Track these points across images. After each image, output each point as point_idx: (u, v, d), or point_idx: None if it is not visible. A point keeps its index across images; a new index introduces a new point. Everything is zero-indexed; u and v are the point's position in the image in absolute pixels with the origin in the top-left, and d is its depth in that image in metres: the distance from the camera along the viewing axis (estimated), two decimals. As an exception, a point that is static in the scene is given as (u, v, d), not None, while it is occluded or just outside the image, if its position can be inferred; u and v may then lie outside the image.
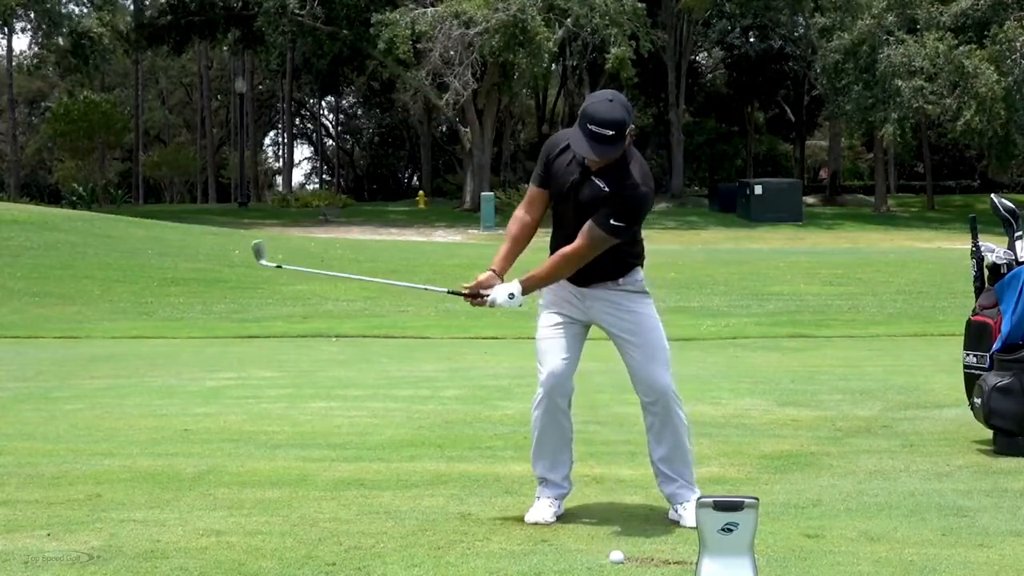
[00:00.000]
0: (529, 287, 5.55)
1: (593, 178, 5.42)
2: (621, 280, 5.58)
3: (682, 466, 5.61)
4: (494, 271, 5.60)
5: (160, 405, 9.55)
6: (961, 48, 49.86)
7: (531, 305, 5.78)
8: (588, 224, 5.40)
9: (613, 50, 48.93)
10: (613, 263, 5.53)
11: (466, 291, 5.61)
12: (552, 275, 5.53)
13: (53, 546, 5.12)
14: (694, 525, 4.72)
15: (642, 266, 5.67)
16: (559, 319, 5.64)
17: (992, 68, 49.37)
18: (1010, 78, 50.11)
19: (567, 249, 5.46)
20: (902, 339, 16.36)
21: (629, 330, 5.57)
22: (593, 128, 5.27)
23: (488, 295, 5.55)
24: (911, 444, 7.47)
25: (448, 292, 5.86)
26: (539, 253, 5.67)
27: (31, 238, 29.28)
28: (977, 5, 52.28)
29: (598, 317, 5.62)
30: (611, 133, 5.26)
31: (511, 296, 5.50)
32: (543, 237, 5.71)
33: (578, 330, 5.66)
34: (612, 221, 5.37)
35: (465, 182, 57.29)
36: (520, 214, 5.69)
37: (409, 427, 8.29)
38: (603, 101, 5.35)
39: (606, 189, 5.39)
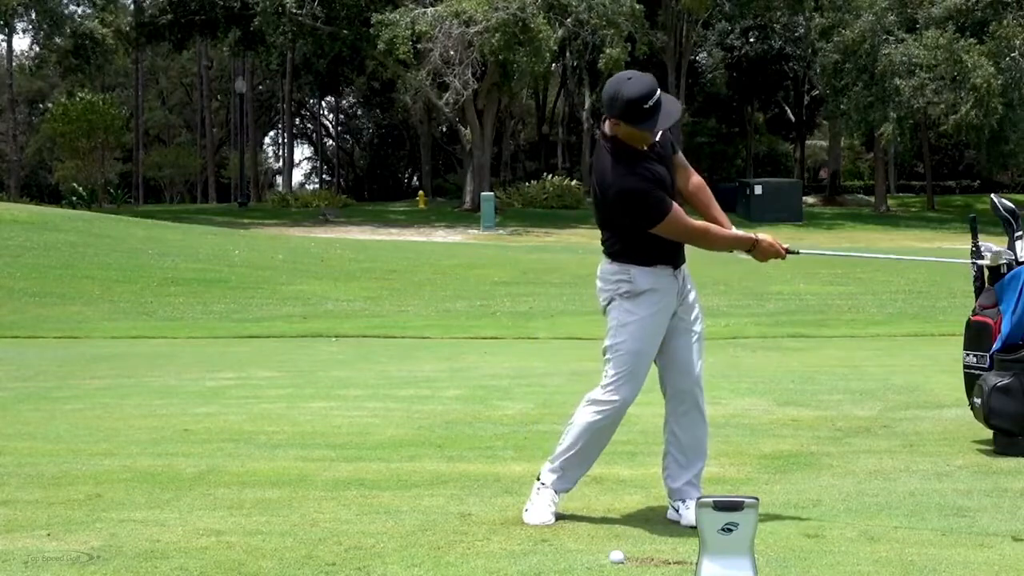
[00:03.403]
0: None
1: (660, 140, 5.47)
2: (684, 266, 5.66)
3: (701, 456, 5.60)
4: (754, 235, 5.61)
5: (160, 405, 9.55)
6: (960, 43, 49.89)
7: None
8: (680, 157, 5.63)
9: (607, 51, 48.94)
10: None
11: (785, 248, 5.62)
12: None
13: (53, 546, 5.12)
14: (693, 524, 4.72)
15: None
16: (666, 323, 5.51)
17: (990, 63, 49.40)
18: (1007, 75, 50.13)
19: (704, 184, 5.69)
20: (902, 339, 16.35)
21: (692, 314, 5.56)
22: (648, 104, 5.23)
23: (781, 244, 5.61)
24: (911, 444, 7.47)
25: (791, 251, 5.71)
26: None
27: (31, 238, 29.30)
28: (975, 3, 52.30)
29: (680, 303, 5.55)
30: (659, 92, 5.29)
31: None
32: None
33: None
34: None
35: (465, 182, 57.28)
36: (696, 222, 5.55)
37: (409, 427, 8.28)
38: (625, 82, 5.29)
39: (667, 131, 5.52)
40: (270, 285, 25.25)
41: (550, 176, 58.31)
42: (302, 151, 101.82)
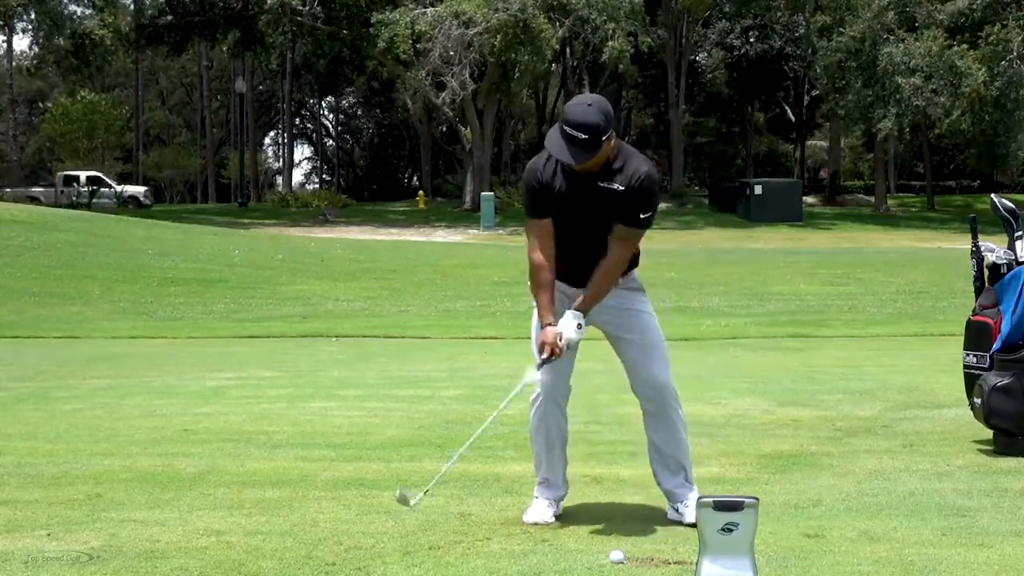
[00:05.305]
0: (587, 311, 5.40)
1: (600, 184, 5.31)
2: (621, 280, 5.52)
3: (684, 459, 5.61)
4: (552, 324, 5.37)
5: (160, 405, 9.54)
6: (955, 48, 49.89)
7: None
8: (620, 229, 5.32)
9: (611, 43, 48.96)
10: None
11: (547, 357, 5.39)
12: (604, 292, 5.42)
13: (53, 546, 5.12)
14: (694, 523, 4.72)
15: (637, 265, 5.62)
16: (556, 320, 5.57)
17: (983, 70, 49.34)
18: (1002, 79, 50.07)
19: (609, 263, 5.35)
20: (902, 339, 16.33)
21: (627, 327, 5.53)
22: (567, 130, 5.18)
23: (561, 342, 5.36)
24: (911, 444, 7.47)
25: (538, 368, 5.48)
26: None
27: (31, 238, 29.30)
28: (974, 5, 52.28)
29: (595, 317, 5.51)
30: (583, 137, 5.15)
31: (580, 327, 5.37)
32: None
33: None
34: (641, 215, 5.32)
35: (465, 182, 57.31)
36: (539, 258, 5.41)
37: (409, 427, 8.29)
38: (581, 104, 5.26)
39: (621, 188, 5.29)
40: (270, 285, 25.26)
41: (550, 176, 58.25)
42: (302, 151, 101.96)
